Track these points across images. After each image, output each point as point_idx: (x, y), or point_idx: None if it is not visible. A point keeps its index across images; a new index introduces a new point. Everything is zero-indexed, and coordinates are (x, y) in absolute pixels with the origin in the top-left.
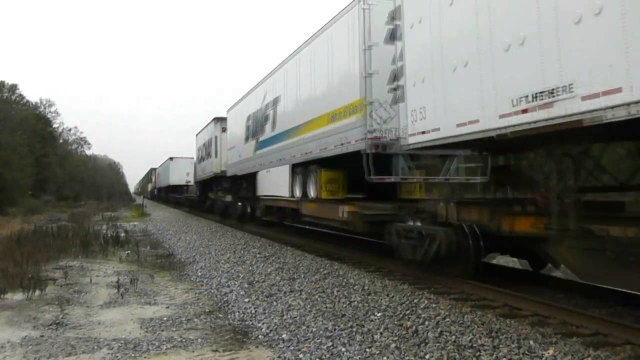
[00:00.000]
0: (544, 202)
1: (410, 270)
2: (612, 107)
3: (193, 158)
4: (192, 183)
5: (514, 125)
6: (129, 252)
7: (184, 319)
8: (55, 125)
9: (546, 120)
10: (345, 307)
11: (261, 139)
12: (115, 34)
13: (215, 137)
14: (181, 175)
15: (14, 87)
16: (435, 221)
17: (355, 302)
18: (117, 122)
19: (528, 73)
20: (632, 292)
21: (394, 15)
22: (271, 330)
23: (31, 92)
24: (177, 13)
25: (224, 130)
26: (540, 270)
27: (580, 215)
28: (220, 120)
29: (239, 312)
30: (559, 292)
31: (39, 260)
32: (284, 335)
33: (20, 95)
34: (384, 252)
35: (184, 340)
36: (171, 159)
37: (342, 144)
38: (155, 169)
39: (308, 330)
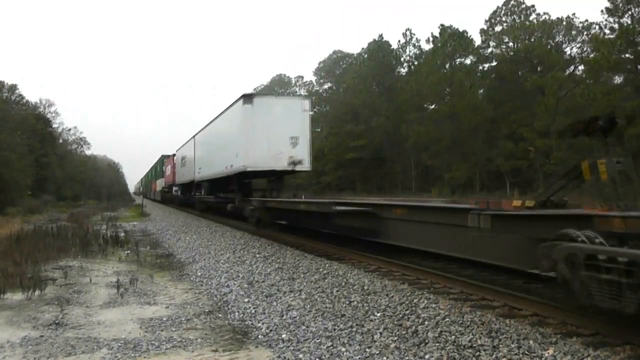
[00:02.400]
0: None
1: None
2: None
3: (306, 98)
4: (307, 167)
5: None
6: (129, 252)
7: (183, 319)
8: (54, 125)
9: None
10: (345, 307)
11: None
12: (115, 34)
13: None
14: (280, 144)
15: (13, 87)
16: None
17: (355, 302)
18: (116, 122)
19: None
20: None
21: None
22: (271, 330)
23: (31, 92)
24: (176, 13)
25: None
26: None
27: None
28: None
29: (238, 312)
30: (559, 292)
31: (39, 260)
32: (283, 335)
33: (20, 95)
34: (384, 253)
35: (183, 340)
36: (249, 98)
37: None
38: (170, 155)
39: (308, 330)
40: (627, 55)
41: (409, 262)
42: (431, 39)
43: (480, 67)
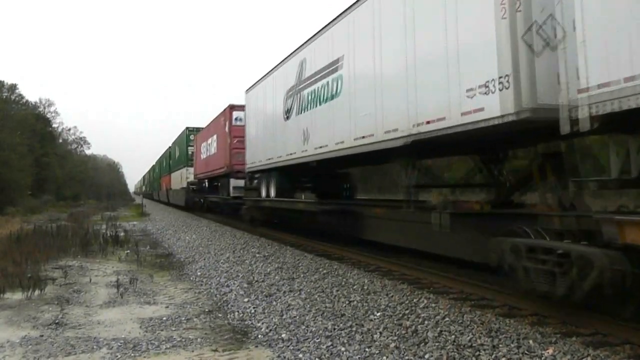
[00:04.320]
0: None
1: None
2: None
3: None
4: None
5: None
6: (129, 251)
7: (183, 318)
8: (54, 125)
9: None
10: (345, 306)
11: None
12: (115, 34)
13: None
14: None
15: (13, 87)
16: None
17: (355, 302)
18: (116, 121)
19: None
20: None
21: None
22: (271, 330)
23: (31, 92)
24: (177, 13)
25: None
26: None
27: None
28: None
29: (238, 311)
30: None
31: (39, 260)
32: (283, 335)
33: (20, 94)
34: (383, 252)
35: (183, 339)
36: None
37: None
38: (209, 125)
39: (307, 330)
40: None
41: (409, 262)
42: None
43: None
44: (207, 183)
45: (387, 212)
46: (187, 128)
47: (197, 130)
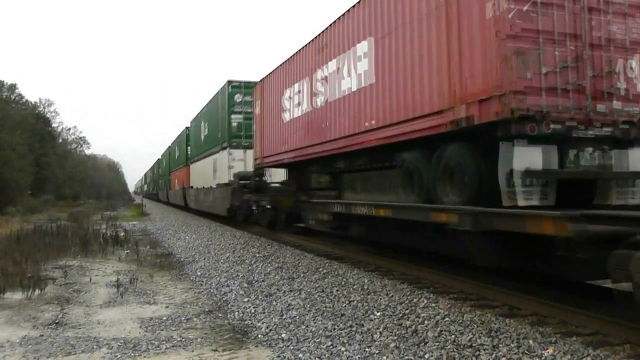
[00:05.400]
0: None
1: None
2: None
3: None
4: None
5: None
6: (129, 251)
7: (183, 318)
8: (54, 125)
9: None
10: (345, 306)
11: None
12: (116, 34)
13: None
14: None
15: (13, 87)
16: None
17: (355, 302)
18: (116, 121)
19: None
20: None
21: None
22: (271, 330)
23: (31, 92)
24: (177, 14)
25: None
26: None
27: None
28: None
29: (238, 311)
30: (559, 291)
31: (39, 260)
32: (283, 335)
33: (20, 94)
34: (384, 252)
35: (183, 339)
36: None
37: None
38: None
39: (307, 330)
40: None
41: (409, 262)
42: None
43: None
44: (284, 174)
45: None
46: (229, 82)
47: (248, 85)
